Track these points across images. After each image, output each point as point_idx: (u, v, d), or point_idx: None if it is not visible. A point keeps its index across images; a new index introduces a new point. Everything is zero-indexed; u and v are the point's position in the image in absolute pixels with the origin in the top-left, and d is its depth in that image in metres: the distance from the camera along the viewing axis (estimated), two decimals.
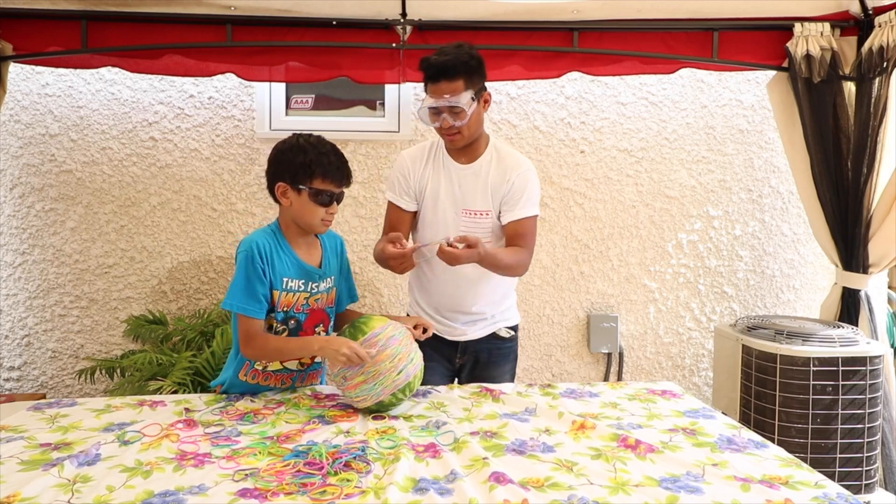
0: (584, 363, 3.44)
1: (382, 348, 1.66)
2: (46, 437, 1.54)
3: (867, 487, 2.53)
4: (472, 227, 2.06)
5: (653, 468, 1.39)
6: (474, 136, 2.06)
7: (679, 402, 1.85)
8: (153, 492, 1.26)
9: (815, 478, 1.36)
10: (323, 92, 3.29)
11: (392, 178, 2.15)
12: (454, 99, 1.94)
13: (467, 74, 1.96)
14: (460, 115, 1.96)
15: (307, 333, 1.88)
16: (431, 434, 1.56)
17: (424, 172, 2.11)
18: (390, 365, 1.65)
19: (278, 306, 1.82)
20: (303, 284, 1.86)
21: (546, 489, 1.29)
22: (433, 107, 1.97)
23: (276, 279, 1.81)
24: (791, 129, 2.92)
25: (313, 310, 1.88)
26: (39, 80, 3.10)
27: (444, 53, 1.95)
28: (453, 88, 1.94)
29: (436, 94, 1.96)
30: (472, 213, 2.08)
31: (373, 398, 1.66)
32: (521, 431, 1.59)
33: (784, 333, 2.60)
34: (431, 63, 1.95)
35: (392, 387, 1.66)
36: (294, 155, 1.80)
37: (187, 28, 2.77)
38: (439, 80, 1.94)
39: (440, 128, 2.01)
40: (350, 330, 1.72)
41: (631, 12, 2.83)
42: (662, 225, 3.40)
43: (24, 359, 3.21)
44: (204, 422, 1.64)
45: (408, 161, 2.14)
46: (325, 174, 1.79)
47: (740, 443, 1.54)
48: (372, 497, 1.25)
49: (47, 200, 3.15)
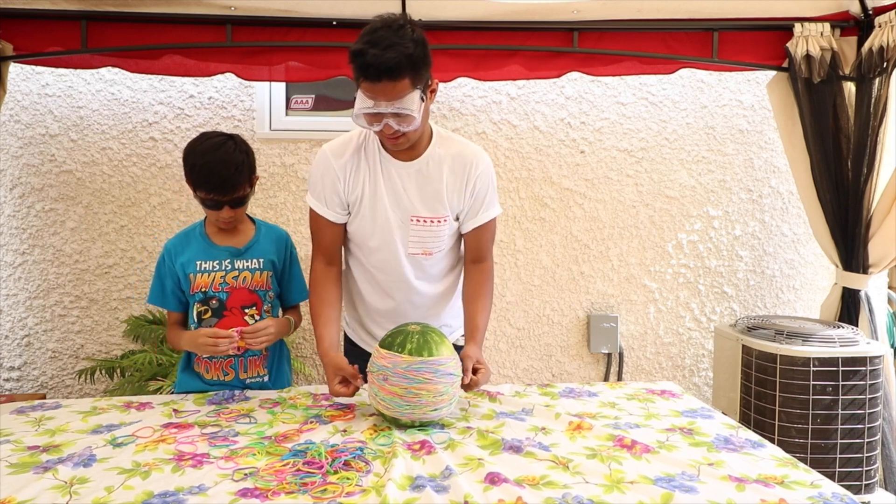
0: (584, 363, 3.44)
1: (434, 379, 1.56)
2: (33, 440, 1.52)
3: (867, 487, 2.53)
4: (424, 237, 1.79)
5: (648, 467, 1.39)
6: (420, 134, 1.72)
7: (678, 401, 1.85)
8: (153, 492, 1.25)
9: (811, 477, 1.36)
10: (323, 92, 3.29)
11: (316, 181, 1.79)
12: (400, 104, 1.57)
13: (413, 69, 1.56)
14: (407, 119, 1.60)
15: (234, 315, 1.90)
16: (427, 433, 1.57)
17: (357, 174, 1.77)
18: (433, 399, 1.56)
19: (193, 288, 1.90)
20: (217, 264, 1.91)
21: (541, 487, 1.29)
22: (373, 112, 1.59)
23: (189, 265, 1.90)
24: (791, 130, 2.92)
25: (234, 288, 1.90)
26: (39, 80, 3.11)
27: (383, 45, 1.51)
28: (398, 90, 1.56)
29: (376, 96, 1.57)
30: (423, 220, 1.78)
31: (395, 412, 1.58)
32: (518, 431, 1.59)
33: (784, 333, 2.59)
34: (368, 61, 1.52)
35: (419, 417, 1.58)
36: (184, 158, 1.87)
37: (187, 28, 2.77)
38: (380, 79, 1.54)
39: (382, 132, 1.65)
40: (419, 339, 1.59)
41: (631, 12, 2.83)
42: (662, 225, 3.40)
43: (24, 359, 3.21)
44: (200, 422, 1.63)
45: (334, 160, 1.77)
46: (200, 187, 1.84)
47: (737, 442, 1.54)
48: (373, 495, 1.25)
49: (47, 200, 3.15)
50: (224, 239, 1.95)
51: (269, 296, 1.95)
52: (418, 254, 1.83)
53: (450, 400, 1.61)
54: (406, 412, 1.57)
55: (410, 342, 1.58)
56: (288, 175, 3.24)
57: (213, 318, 1.90)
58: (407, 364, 1.56)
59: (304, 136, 3.24)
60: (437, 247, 1.84)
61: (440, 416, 1.61)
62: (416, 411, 1.57)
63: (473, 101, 3.24)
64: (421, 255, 1.84)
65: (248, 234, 1.98)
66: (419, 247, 1.82)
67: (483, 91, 3.22)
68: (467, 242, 1.91)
